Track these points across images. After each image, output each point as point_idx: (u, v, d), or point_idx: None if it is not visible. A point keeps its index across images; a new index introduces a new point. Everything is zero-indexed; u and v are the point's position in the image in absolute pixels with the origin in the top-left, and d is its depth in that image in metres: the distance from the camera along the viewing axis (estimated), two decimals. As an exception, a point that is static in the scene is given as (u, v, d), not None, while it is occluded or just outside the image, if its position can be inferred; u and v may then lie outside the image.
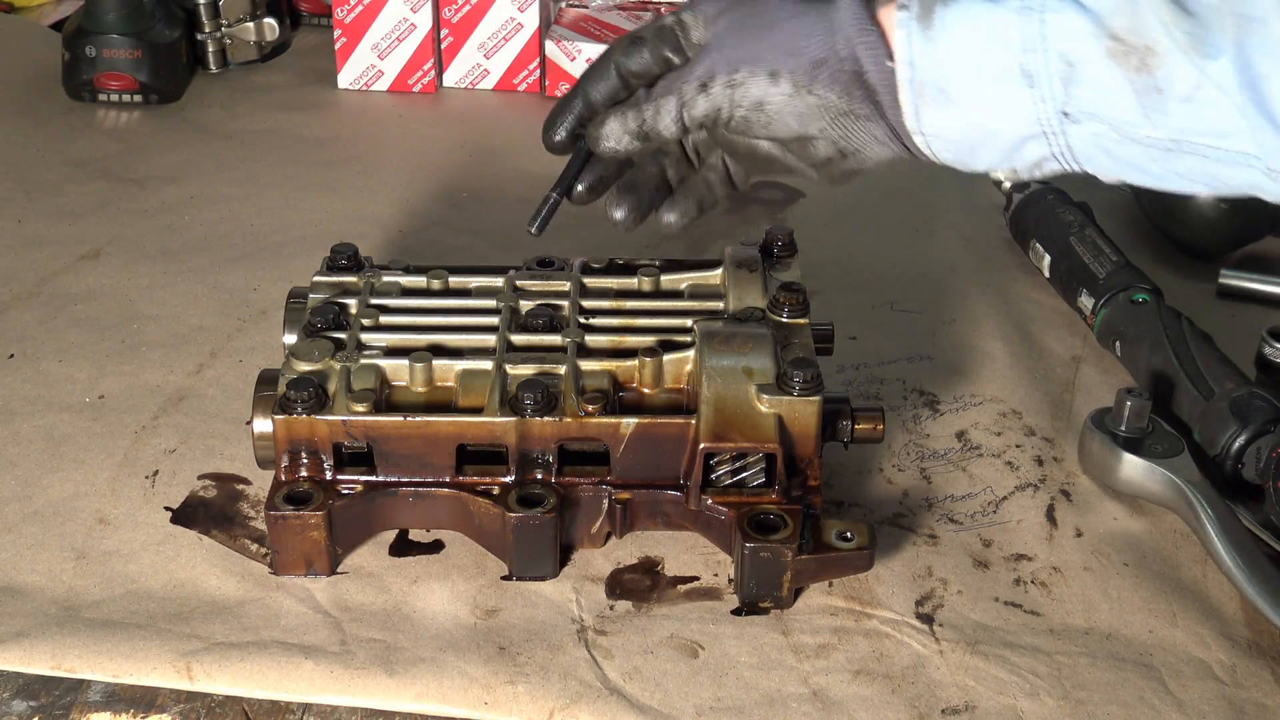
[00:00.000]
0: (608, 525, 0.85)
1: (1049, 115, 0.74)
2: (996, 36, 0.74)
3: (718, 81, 0.81)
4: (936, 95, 0.76)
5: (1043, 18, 0.73)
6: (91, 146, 1.35)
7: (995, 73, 0.74)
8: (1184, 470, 0.89)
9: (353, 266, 0.94)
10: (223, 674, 0.77)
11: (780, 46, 0.80)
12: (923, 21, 0.76)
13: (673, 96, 0.82)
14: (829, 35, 0.79)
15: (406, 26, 1.44)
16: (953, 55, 0.75)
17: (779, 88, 0.80)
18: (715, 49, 0.82)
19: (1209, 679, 0.79)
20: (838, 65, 0.79)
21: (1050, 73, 0.73)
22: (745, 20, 0.82)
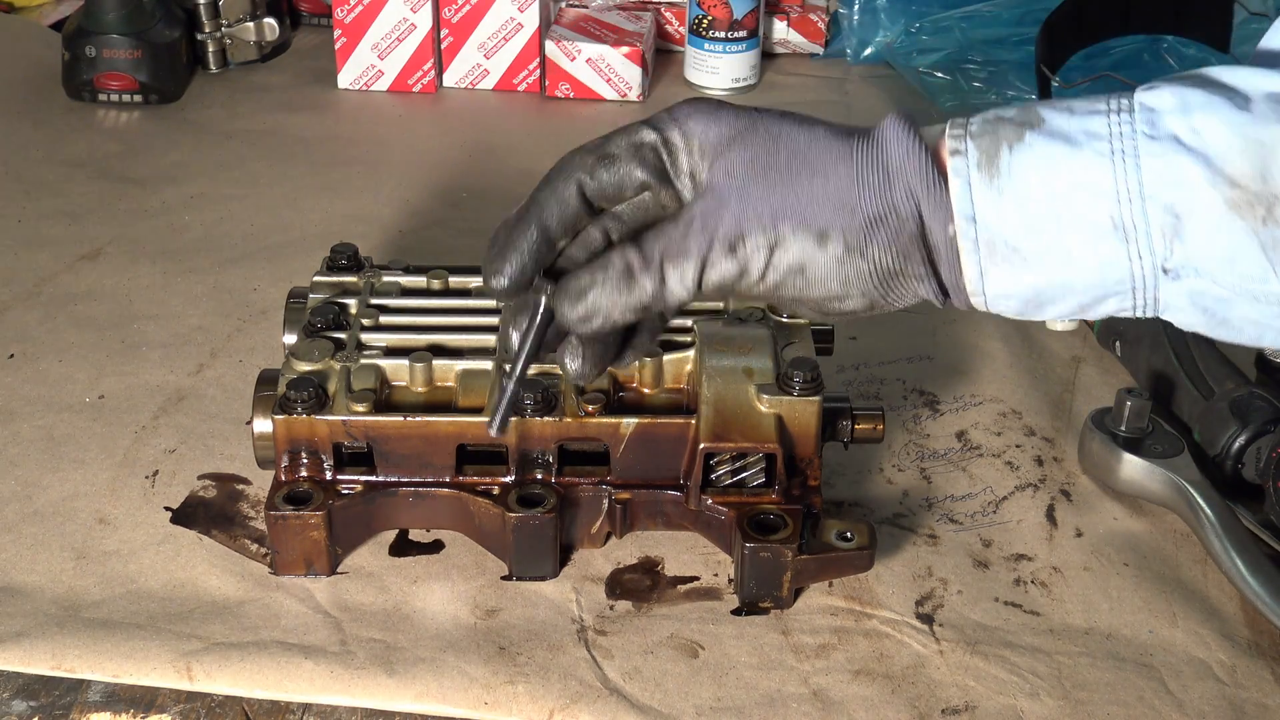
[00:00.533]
0: (608, 525, 0.85)
1: (1144, 272, 0.64)
2: (1080, 186, 0.63)
3: (750, 242, 0.67)
4: (1008, 255, 0.65)
5: (1139, 163, 0.62)
6: (91, 146, 1.35)
7: (1081, 226, 0.64)
8: (1184, 470, 0.89)
9: (353, 266, 0.94)
10: (223, 674, 0.77)
11: (828, 198, 0.66)
12: (985, 169, 0.64)
13: (690, 262, 0.68)
14: (885, 186, 0.66)
15: (406, 26, 1.44)
16: (1027, 209, 0.64)
17: (827, 252, 0.67)
18: (737, 197, 0.67)
19: (1209, 679, 0.79)
20: (897, 225, 0.66)
21: (1151, 226, 0.63)
22: (769, 159, 0.67)
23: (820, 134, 0.69)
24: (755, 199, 0.67)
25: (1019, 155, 0.64)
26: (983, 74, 1.45)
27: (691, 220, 0.68)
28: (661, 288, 0.68)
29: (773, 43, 1.57)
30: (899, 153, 0.66)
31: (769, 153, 0.68)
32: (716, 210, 0.67)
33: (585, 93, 1.46)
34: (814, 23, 1.57)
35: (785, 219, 0.67)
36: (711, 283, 0.68)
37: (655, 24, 1.53)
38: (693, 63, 1.49)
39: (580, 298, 0.69)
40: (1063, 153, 0.64)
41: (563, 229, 0.71)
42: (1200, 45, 1.38)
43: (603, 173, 0.70)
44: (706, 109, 0.70)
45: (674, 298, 0.69)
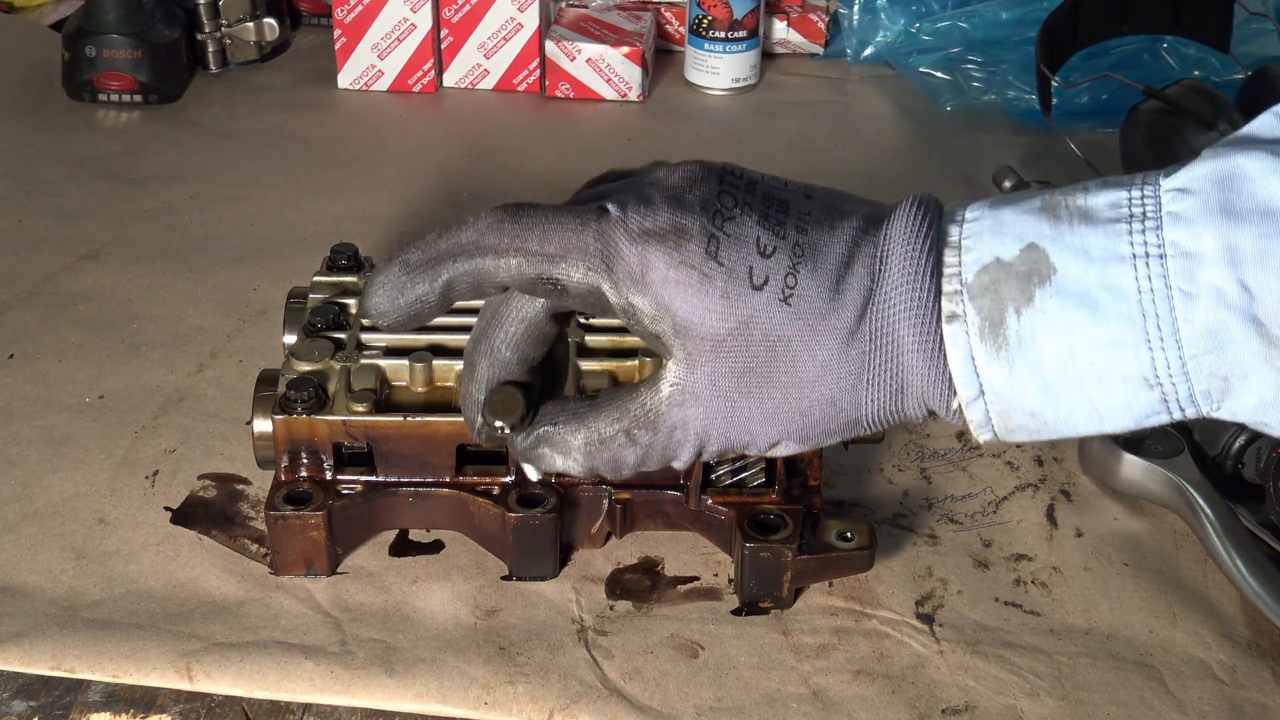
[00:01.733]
0: (608, 525, 0.85)
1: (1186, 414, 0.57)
2: (1105, 351, 0.56)
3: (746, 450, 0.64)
4: (1026, 422, 0.59)
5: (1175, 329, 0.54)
6: (91, 146, 1.35)
7: (1109, 386, 0.56)
8: (1184, 470, 0.89)
9: (353, 266, 0.94)
10: (223, 674, 0.77)
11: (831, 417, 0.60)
12: (989, 340, 0.57)
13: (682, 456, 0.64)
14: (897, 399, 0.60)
15: (406, 26, 1.44)
16: (1042, 382, 0.57)
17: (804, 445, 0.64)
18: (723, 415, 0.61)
19: (1209, 679, 0.79)
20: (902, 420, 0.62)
21: (1194, 389, 0.56)
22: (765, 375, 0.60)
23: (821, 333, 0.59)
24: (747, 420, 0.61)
25: (1029, 323, 0.56)
26: (982, 74, 1.45)
27: (674, 430, 0.63)
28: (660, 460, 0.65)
29: (773, 43, 1.57)
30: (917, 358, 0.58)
31: (765, 366, 0.60)
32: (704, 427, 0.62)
33: (585, 93, 1.46)
34: (814, 23, 1.57)
35: (784, 437, 0.62)
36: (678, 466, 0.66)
37: (655, 24, 1.53)
38: (693, 63, 1.49)
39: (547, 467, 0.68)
40: (1084, 320, 0.55)
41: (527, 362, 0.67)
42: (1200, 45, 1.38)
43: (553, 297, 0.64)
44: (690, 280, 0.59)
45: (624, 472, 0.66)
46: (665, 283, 0.60)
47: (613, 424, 0.64)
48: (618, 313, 0.62)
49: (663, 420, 0.63)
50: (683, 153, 1.39)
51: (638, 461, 0.65)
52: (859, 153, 1.39)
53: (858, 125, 1.45)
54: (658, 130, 1.42)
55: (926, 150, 1.39)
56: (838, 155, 1.38)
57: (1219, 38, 1.33)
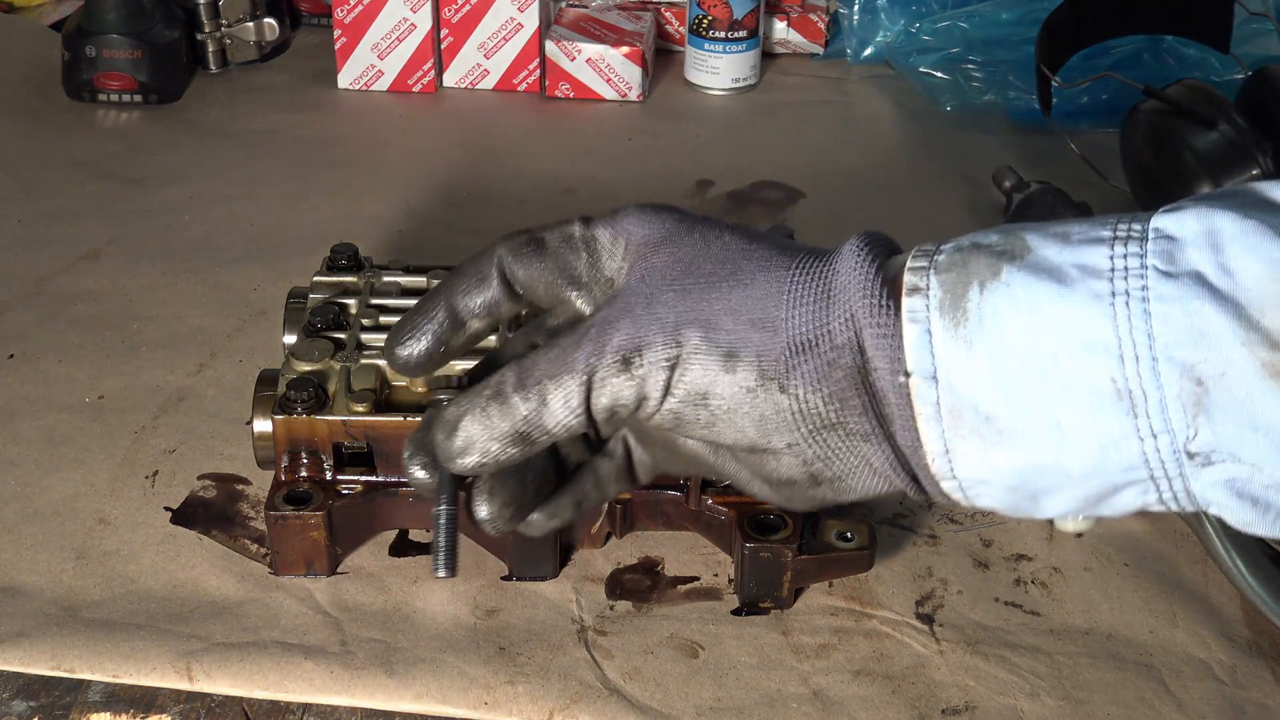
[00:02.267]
0: (608, 525, 0.85)
1: (1162, 456, 0.49)
2: (1072, 338, 0.49)
3: (648, 357, 0.55)
4: (979, 427, 0.51)
5: (1147, 310, 0.48)
6: (91, 146, 1.35)
7: (1073, 392, 0.49)
8: (1184, 470, 0.88)
9: (353, 266, 0.94)
10: (223, 674, 0.77)
11: (745, 309, 0.54)
12: (949, 314, 0.51)
13: (573, 378, 0.56)
14: (822, 304, 0.53)
15: (406, 26, 1.44)
16: (1003, 368, 0.50)
17: (735, 376, 0.54)
18: (643, 301, 0.56)
19: (1209, 679, 0.79)
20: (830, 355, 0.53)
21: (1166, 394, 0.48)
22: (692, 265, 0.56)
23: (764, 245, 0.57)
24: (663, 306, 0.55)
25: (992, 297, 0.50)
26: (982, 74, 1.45)
27: (587, 330, 0.57)
28: (539, 410, 0.57)
29: (773, 43, 1.57)
30: (846, 269, 0.54)
31: (695, 258, 0.56)
32: (616, 319, 0.56)
33: (585, 93, 1.46)
34: (814, 23, 1.57)
35: (689, 327, 0.55)
36: (602, 406, 0.57)
37: (655, 24, 1.53)
38: (693, 63, 1.49)
39: (453, 429, 0.59)
40: (1049, 294, 0.50)
41: (480, 309, 0.62)
42: (1200, 45, 1.38)
43: (526, 257, 0.61)
44: (650, 211, 0.60)
45: (556, 423, 0.57)
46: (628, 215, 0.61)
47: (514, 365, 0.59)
48: (581, 250, 0.61)
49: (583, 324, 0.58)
50: (683, 153, 1.39)
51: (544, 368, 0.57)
52: (859, 153, 1.39)
53: (858, 125, 1.45)
54: (658, 130, 1.42)
55: (926, 150, 1.39)
56: (838, 155, 1.38)
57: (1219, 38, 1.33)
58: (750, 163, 1.34)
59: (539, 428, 0.57)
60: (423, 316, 0.62)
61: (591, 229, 0.61)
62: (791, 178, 1.32)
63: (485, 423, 0.58)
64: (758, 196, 1.29)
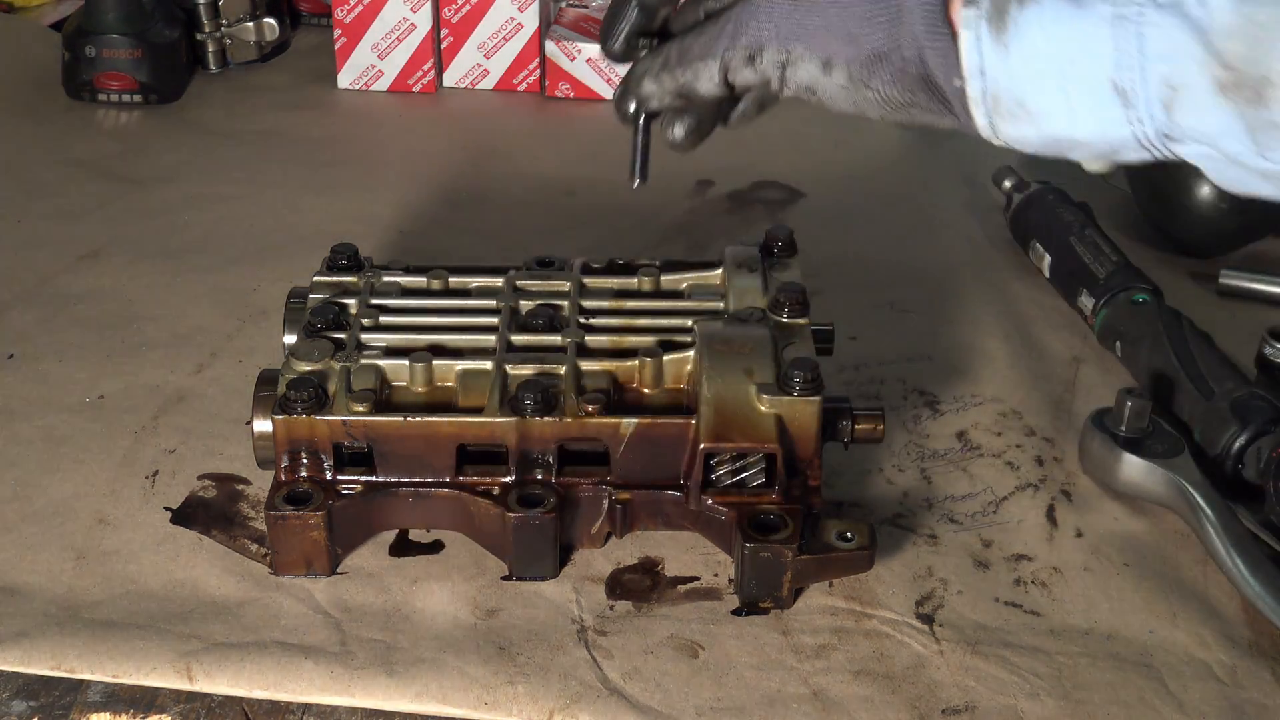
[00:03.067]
0: (608, 525, 0.85)
1: (1148, 135, 0.66)
2: (1083, 47, 0.65)
3: (765, 57, 0.74)
4: (1014, 110, 0.68)
5: (1140, 31, 0.63)
6: (91, 146, 1.35)
7: (1083, 88, 0.66)
8: (1184, 470, 0.89)
9: (353, 266, 0.94)
10: (223, 674, 0.77)
11: (836, 29, 0.72)
12: (994, 24, 0.67)
13: (714, 61, 0.76)
14: (893, 25, 0.70)
15: (406, 26, 1.44)
16: (1031, 67, 0.66)
17: (832, 78, 0.73)
18: (765, 10, 0.74)
19: (1209, 679, 0.79)
20: (900, 65, 0.71)
21: (1149, 95, 0.64)
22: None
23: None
24: (778, 16, 0.74)
25: (1028, 12, 0.66)
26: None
27: (725, 25, 0.76)
28: (693, 80, 0.78)
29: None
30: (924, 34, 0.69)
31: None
32: (744, 21, 0.75)
33: (585, 93, 1.46)
34: (814, 23, 1.57)
35: (796, 41, 0.73)
36: (737, 83, 0.77)
37: (655, 24, 1.53)
38: (693, 63, 1.49)
39: (638, 83, 0.81)
40: (1069, 14, 0.65)
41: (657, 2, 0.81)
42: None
43: None
44: None
45: (705, 89, 0.78)
46: None
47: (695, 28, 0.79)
48: None
49: (721, 20, 0.77)
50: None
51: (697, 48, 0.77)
52: (859, 153, 1.39)
53: (858, 125, 1.44)
54: (658, 130, 1.42)
55: (926, 150, 1.38)
56: (838, 155, 1.38)
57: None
58: (750, 163, 1.34)
59: (693, 90, 0.79)
60: (621, 16, 0.82)
61: None
62: (791, 178, 1.32)
63: (658, 83, 0.80)
64: (758, 196, 1.29)
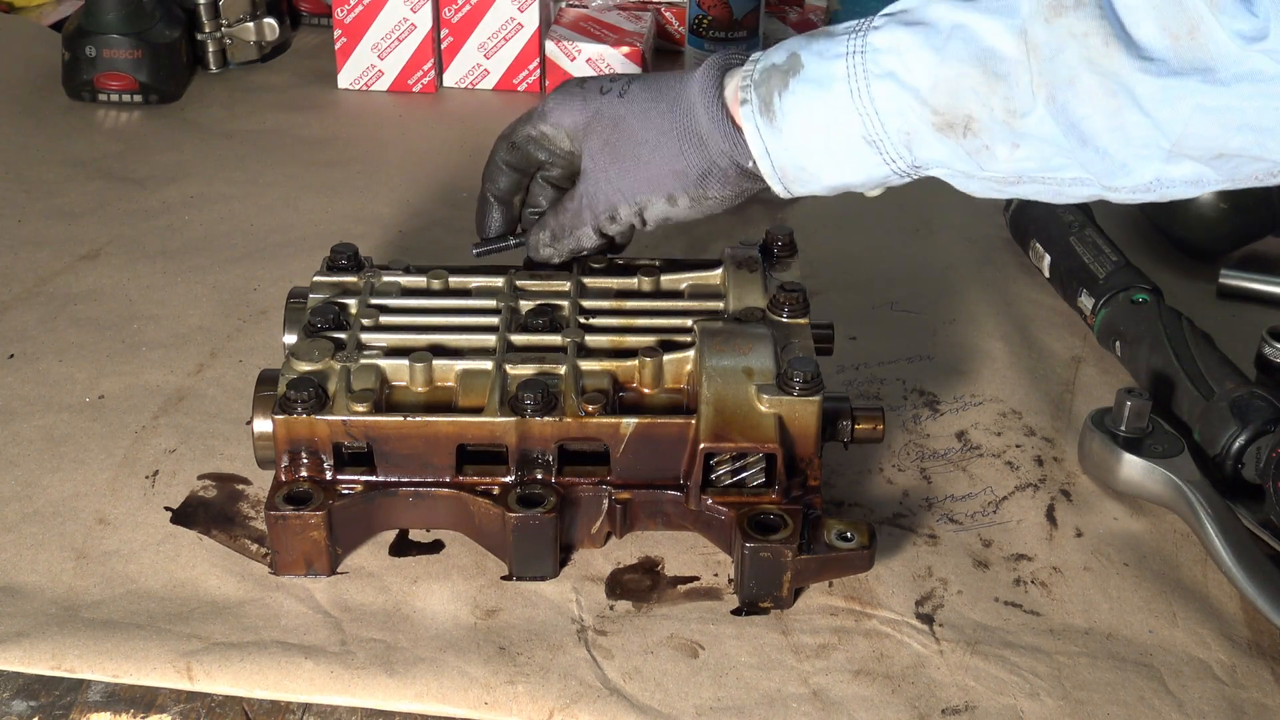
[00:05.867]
0: (608, 525, 0.85)
1: (902, 168, 0.83)
2: (834, 118, 0.81)
3: (622, 212, 0.90)
4: (798, 175, 0.85)
5: (871, 100, 0.80)
6: (91, 146, 1.35)
7: (844, 147, 0.82)
8: (1184, 470, 0.89)
9: (353, 266, 0.94)
10: (223, 674, 0.78)
11: (664, 172, 0.88)
12: (765, 115, 0.84)
13: (586, 227, 0.92)
14: (701, 149, 0.87)
15: (406, 26, 1.44)
16: (800, 142, 0.83)
17: (678, 206, 0.89)
18: (605, 180, 0.90)
19: (1209, 679, 0.79)
20: (720, 173, 0.87)
21: (893, 141, 0.81)
22: (616, 145, 0.89)
23: (649, 114, 0.89)
24: (615, 180, 0.90)
25: (787, 100, 0.83)
26: (982, 74, 1.45)
27: (581, 199, 0.92)
28: (577, 244, 0.94)
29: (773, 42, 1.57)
30: (705, 119, 0.86)
31: (614, 138, 0.89)
32: (592, 192, 0.91)
33: (585, 93, 1.46)
34: (814, 23, 1.57)
35: (640, 192, 0.89)
36: (610, 232, 0.92)
37: (655, 24, 1.53)
38: (693, 63, 1.49)
39: (536, 249, 0.96)
40: (818, 95, 0.82)
41: (511, 192, 0.97)
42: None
43: (516, 157, 0.95)
44: (562, 102, 0.92)
45: (588, 243, 0.93)
46: (553, 109, 0.92)
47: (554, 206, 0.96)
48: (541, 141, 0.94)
49: (574, 193, 0.93)
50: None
51: (567, 223, 0.93)
52: (859, 153, 1.38)
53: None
54: (658, 130, 1.41)
55: (926, 150, 1.38)
56: (838, 155, 1.38)
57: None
58: (750, 163, 1.34)
59: (579, 248, 0.94)
60: (488, 211, 0.98)
61: (538, 127, 0.93)
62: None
63: (550, 248, 0.95)
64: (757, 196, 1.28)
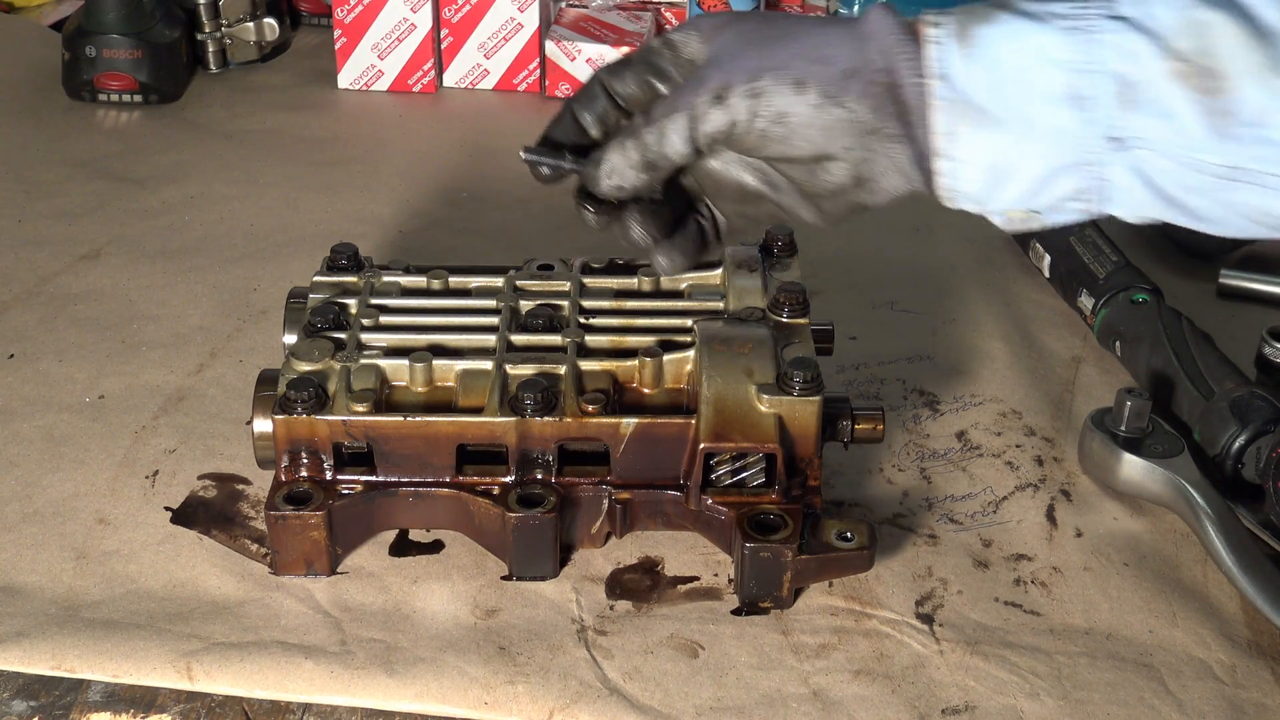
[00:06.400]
0: (608, 525, 0.85)
1: (1095, 141, 0.71)
2: (1043, 56, 0.70)
3: (735, 91, 0.74)
4: (975, 116, 0.72)
5: (1095, 38, 0.70)
6: (91, 146, 1.35)
7: (1041, 93, 0.71)
8: (1184, 470, 0.89)
9: (353, 266, 0.94)
10: (223, 674, 0.78)
11: (805, 54, 0.74)
12: (960, 39, 0.72)
13: (681, 114, 0.75)
14: (861, 44, 0.74)
15: (406, 26, 1.44)
16: (994, 74, 0.71)
17: (805, 97, 0.74)
18: (727, 59, 0.76)
19: (1209, 679, 0.79)
20: (871, 76, 0.73)
21: (1104, 95, 0.70)
22: (757, 32, 0.77)
23: (810, 18, 0.80)
24: (742, 59, 0.76)
25: (989, 28, 0.72)
26: (983, 74, 1.44)
27: (688, 84, 0.77)
28: (661, 141, 0.76)
29: (773, 43, 1.57)
30: (876, 20, 0.75)
31: (760, 28, 0.77)
32: (708, 72, 0.76)
33: (585, 93, 1.46)
34: (814, 23, 1.57)
35: (766, 71, 0.74)
36: (705, 133, 0.75)
37: (655, 24, 1.53)
38: (693, 63, 1.49)
39: (599, 163, 0.79)
40: (1029, 27, 0.71)
41: (591, 116, 0.81)
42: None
43: (621, 72, 0.80)
44: (714, 14, 0.82)
45: (673, 149, 0.76)
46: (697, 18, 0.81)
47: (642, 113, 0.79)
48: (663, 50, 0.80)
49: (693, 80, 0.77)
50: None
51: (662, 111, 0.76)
52: (859, 153, 1.38)
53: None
54: (658, 130, 1.42)
55: (926, 150, 1.38)
56: (838, 155, 1.38)
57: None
58: (750, 163, 1.34)
59: (660, 154, 0.77)
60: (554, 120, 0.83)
61: (668, 36, 0.80)
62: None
63: (623, 154, 0.77)
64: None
